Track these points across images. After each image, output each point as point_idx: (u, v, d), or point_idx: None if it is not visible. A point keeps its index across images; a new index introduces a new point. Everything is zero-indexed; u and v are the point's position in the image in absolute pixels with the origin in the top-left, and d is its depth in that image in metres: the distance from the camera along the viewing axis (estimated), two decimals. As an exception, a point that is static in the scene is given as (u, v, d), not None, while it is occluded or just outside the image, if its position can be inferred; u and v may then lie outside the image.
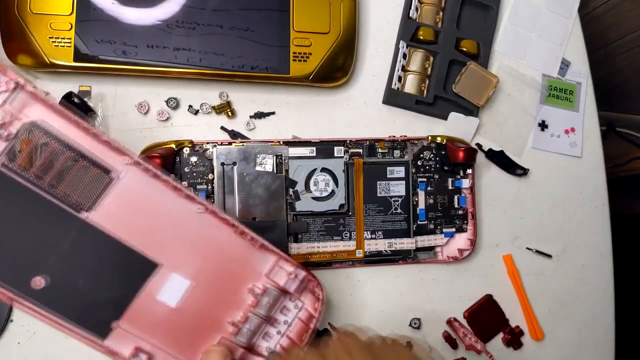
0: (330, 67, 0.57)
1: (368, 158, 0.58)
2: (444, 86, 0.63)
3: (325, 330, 0.58)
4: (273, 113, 0.59)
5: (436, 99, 0.62)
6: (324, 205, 0.57)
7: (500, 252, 0.64)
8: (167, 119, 0.57)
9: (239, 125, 0.58)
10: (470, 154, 0.58)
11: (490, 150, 0.64)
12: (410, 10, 0.62)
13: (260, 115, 0.59)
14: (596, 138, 0.68)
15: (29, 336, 0.52)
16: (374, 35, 0.62)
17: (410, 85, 0.62)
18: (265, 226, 0.55)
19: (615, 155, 1.03)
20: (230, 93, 0.58)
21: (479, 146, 0.64)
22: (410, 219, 0.59)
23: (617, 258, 0.67)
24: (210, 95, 0.58)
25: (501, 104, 0.65)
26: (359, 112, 0.62)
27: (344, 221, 0.58)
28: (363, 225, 0.58)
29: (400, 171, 0.59)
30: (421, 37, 0.62)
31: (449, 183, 0.61)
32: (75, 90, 0.54)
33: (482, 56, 0.64)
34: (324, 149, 0.57)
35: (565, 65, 0.68)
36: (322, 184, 0.57)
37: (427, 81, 0.62)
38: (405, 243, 0.59)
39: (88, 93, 0.55)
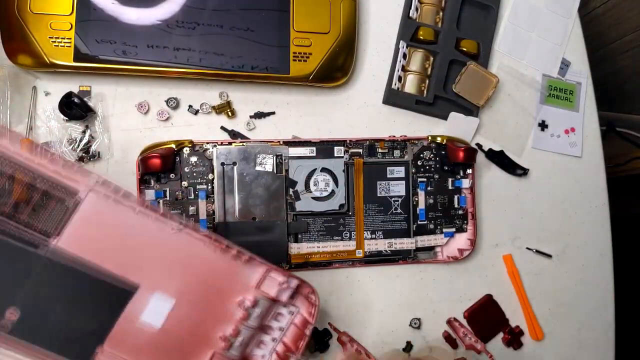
0: (330, 67, 0.57)
1: (368, 158, 0.58)
2: (444, 86, 0.63)
3: (325, 330, 0.58)
4: (273, 113, 0.59)
5: (436, 99, 0.62)
6: (324, 205, 0.57)
7: (500, 252, 0.64)
8: (167, 119, 0.57)
9: (239, 125, 0.58)
10: (470, 154, 0.58)
11: (490, 150, 0.64)
12: (410, 10, 0.62)
13: (260, 115, 0.59)
14: (596, 138, 0.68)
15: None
16: (374, 35, 0.63)
17: (410, 85, 0.62)
18: (265, 226, 0.55)
19: (615, 155, 1.03)
20: (230, 93, 0.58)
21: (479, 146, 0.64)
22: (410, 219, 0.59)
23: (617, 258, 0.67)
24: (210, 95, 0.58)
25: (501, 104, 0.65)
26: (359, 112, 0.62)
27: (344, 221, 0.58)
28: (363, 225, 0.58)
29: (400, 171, 0.59)
30: (421, 37, 0.62)
31: (449, 183, 0.61)
32: (75, 90, 0.54)
33: (482, 56, 0.64)
34: (324, 149, 0.57)
35: (565, 65, 0.68)
36: (322, 184, 0.57)
37: (427, 81, 0.62)
38: (405, 243, 0.59)
39: (88, 93, 0.55)
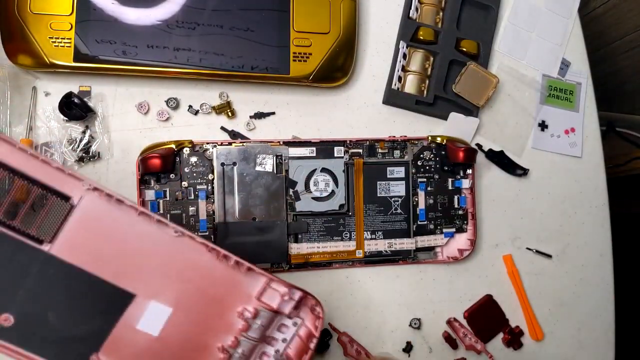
0: (330, 67, 0.57)
1: (368, 158, 0.58)
2: (444, 86, 0.63)
3: (325, 330, 0.58)
4: (273, 113, 0.59)
5: (436, 99, 0.62)
6: (324, 205, 0.57)
7: (500, 252, 0.64)
8: (167, 119, 0.57)
9: (239, 125, 0.58)
10: (470, 154, 0.58)
11: (490, 150, 0.64)
12: (410, 11, 0.62)
13: (260, 115, 0.59)
14: (596, 138, 0.68)
15: None
16: (374, 35, 0.63)
17: (410, 85, 0.62)
18: (265, 226, 0.55)
19: (615, 155, 1.03)
20: (230, 93, 0.58)
21: (479, 146, 0.64)
22: (410, 219, 0.59)
23: (617, 258, 0.67)
24: (210, 95, 0.58)
25: (501, 104, 0.65)
26: (359, 112, 0.62)
27: (344, 221, 0.58)
28: (363, 226, 0.58)
29: (400, 171, 0.59)
30: (421, 37, 0.62)
31: (449, 183, 0.61)
32: (75, 90, 0.54)
33: (482, 56, 0.64)
34: (324, 149, 0.57)
35: (565, 65, 0.68)
36: (322, 184, 0.57)
37: (427, 81, 0.62)
38: (405, 243, 0.59)
39: (88, 93, 0.55)
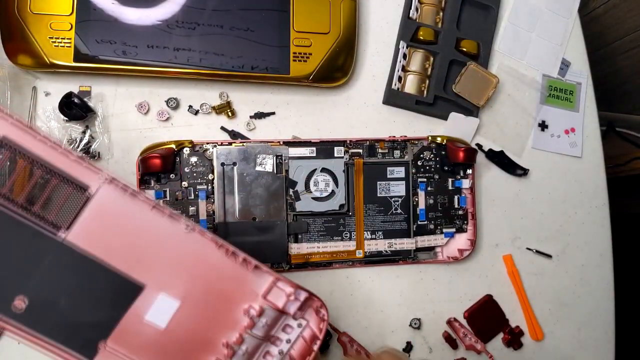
0: (330, 67, 0.57)
1: (368, 158, 0.58)
2: (444, 86, 0.63)
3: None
4: (273, 113, 0.59)
5: (436, 99, 0.62)
6: (324, 205, 0.57)
7: (500, 252, 0.64)
8: (167, 119, 0.57)
9: (239, 125, 0.58)
10: (470, 154, 0.58)
11: (490, 150, 0.64)
12: (410, 11, 0.62)
13: (260, 115, 0.59)
14: (596, 138, 0.68)
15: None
16: (374, 35, 0.63)
17: (410, 85, 0.62)
18: (265, 226, 0.55)
19: (615, 155, 1.03)
20: (230, 93, 0.58)
21: (479, 146, 0.64)
22: (410, 219, 0.59)
23: (617, 258, 0.67)
24: (210, 95, 0.58)
25: (501, 104, 0.65)
26: (359, 112, 0.62)
27: (344, 221, 0.58)
28: (363, 226, 0.58)
29: (400, 171, 0.59)
30: (421, 37, 0.62)
31: (449, 183, 0.61)
32: (75, 90, 0.54)
33: (482, 56, 0.64)
34: (324, 149, 0.57)
35: (565, 65, 0.68)
36: (322, 184, 0.57)
37: (427, 81, 0.62)
38: (405, 243, 0.59)
39: (88, 93, 0.55)
